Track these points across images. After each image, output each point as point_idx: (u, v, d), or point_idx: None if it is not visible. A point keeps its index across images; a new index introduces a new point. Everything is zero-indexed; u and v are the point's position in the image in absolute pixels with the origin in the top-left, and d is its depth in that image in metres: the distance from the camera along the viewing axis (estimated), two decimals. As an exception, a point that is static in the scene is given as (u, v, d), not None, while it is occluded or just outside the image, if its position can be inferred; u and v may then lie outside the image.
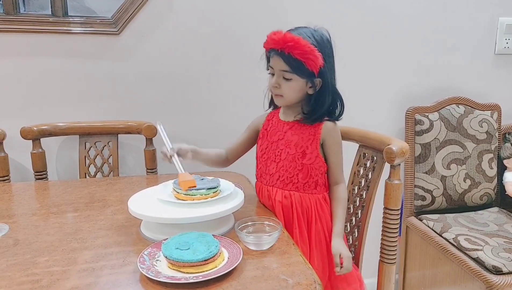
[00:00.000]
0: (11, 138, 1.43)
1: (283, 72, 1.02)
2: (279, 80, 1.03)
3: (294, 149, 1.07)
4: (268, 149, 1.11)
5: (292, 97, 1.05)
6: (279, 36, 0.98)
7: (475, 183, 1.72)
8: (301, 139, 1.07)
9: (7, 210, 1.11)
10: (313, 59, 0.98)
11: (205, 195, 0.95)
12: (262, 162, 1.13)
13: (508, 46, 1.81)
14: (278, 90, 1.05)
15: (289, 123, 1.10)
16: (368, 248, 1.23)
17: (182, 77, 1.57)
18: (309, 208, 1.09)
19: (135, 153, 1.59)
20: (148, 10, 1.49)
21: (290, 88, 1.03)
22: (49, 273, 0.78)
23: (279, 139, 1.10)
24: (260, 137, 1.15)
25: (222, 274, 0.74)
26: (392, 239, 1.14)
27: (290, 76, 1.02)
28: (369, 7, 1.66)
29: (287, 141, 1.08)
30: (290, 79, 1.02)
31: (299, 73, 1.01)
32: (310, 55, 0.97)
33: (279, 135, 1.10)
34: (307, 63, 0.98)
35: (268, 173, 1.11)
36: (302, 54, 0.97)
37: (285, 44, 0.97)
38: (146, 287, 0.73)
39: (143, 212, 0.91)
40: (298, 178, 1.07)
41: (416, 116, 1.69)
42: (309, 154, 1.06)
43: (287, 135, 1.09)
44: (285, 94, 1.04)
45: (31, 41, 1.44)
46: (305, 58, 0.97)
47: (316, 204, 1.09)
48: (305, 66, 0.98)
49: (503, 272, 1.30)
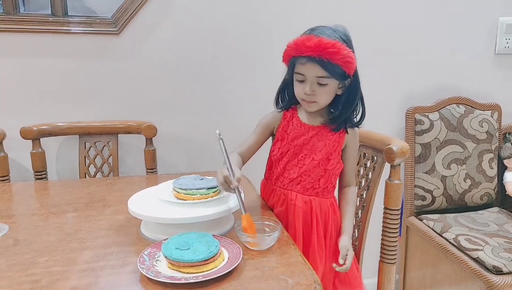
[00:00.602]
0: (11, 138, 1.43)
1: (319, 78, 0.97)
2: (314, 87, 0.98)
3: (320, 155, 1.05)
4: (289, 152, 1.06)
5: (326, 101, 1.02)
6: (314, 42, 0.92)
7: (475, 183, 1.72)
8: (327, 146, 1.05)
9: (7, 210, 1.10)
10: (351, 62, 0.95)
11: (205, 195, 0.95)
12: (280, 165, 1.08)
13: (509, 46, 1.81)
14: (313, 96, 0.99)
15: (314, 128, 1.06)
16: (368, 248, 1.23)
17: (182, 77, 1.57)
18: (326, 212, 1.09)
19: (135, 153, 1.59)
20: (148, 10, 1.49)
21: (325, 93, 1.00)
22: (49, 273, 0.77)
23: (304, 143, 1.05)
24: (279, 139, 1.09)
25: (222, 274, 0.74)
26: (392, 239, 1.14)
27: (326, 82, 0.97)
28: (369, 7, 1.66)
29: (313, 146, 1.05)
30: (326, 84, 0.98)
31: (337, 76, 0.97)
32: (348, 58, 0.94)
33: (304, 139, 1.05)
34: (345, 66, 0.95)
35: (287, 177, 1.07)
36: (341, 58, 0.93)
37: (324, 51, 0.92)
38: (146, 287, 0.73)
39: (143, 212, 0.90)
40: (320, 183, 1.07)
41: (416, 116, 1.69)
42: (332, 160, 1.06)
43: (313, 141, 1.05)
44: (319, 100, 1.00)
45: (31, 41, 1.44)
46: (344, 62, 0.94)
47: (330, 207, 1.10)
48: (343, 69, 0.95)
49: (504, 272, 1.30)
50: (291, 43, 0.97)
